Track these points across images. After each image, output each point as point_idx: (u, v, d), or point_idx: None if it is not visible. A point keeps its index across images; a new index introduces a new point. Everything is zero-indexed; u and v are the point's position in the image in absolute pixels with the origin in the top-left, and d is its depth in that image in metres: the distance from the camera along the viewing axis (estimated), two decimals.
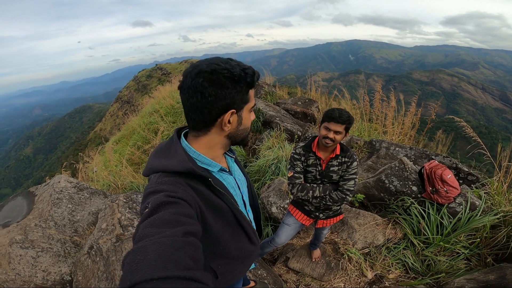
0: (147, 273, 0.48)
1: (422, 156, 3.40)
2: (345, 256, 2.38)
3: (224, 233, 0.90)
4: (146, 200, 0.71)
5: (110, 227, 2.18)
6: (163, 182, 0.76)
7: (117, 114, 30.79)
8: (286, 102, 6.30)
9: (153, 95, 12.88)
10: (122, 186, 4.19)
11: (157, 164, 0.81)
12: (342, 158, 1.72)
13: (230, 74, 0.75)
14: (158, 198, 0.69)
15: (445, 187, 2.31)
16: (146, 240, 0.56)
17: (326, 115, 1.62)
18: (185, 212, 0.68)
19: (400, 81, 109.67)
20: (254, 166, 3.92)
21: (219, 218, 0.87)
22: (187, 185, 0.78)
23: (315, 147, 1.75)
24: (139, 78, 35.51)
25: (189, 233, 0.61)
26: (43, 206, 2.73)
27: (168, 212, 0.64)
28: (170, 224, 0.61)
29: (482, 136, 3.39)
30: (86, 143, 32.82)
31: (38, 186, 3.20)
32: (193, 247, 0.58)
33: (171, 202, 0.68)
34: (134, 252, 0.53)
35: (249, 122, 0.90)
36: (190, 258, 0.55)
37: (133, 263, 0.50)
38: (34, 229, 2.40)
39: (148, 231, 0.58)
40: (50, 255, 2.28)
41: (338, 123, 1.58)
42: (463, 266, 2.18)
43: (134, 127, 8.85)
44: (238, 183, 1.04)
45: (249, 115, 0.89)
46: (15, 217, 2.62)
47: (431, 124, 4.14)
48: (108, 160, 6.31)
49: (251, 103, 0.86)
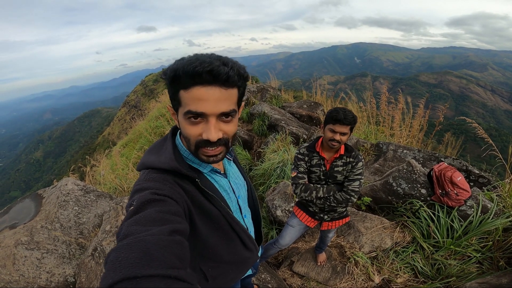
0: (130, 271, 0.46)
1: (430, 159, 3.33)
2: (352, 260, 2.34)
3: (211, 236, 0.86)
4: (132, 198, 0.68)
5: (114, 229, 2.19)
6: (150, 179, 0.73)
7: (124, 118, 31.21)
8: (291, 106, 6.29)
9: (159, 99, 13.01)
10: (128, 189, 4.23)
11: (147, 160, 0.80)
12: (347, 158, 1.69)
13: (164, 70, 0.71)
14: (144, 195, 0.66)
15: (455, 189, 2.25)
16: (130, 238, 0.53)
17: (331, 117, 1.57)
18: (171, 210, 0.65)
19: (408, 84, 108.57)
20: (259, 170, 3.90)
21: (206, 221, 0.83)
22: (175, 183, 0.75)
23: (319, 147, 1.73)
24: (146, 83, 35.99)
25: (176, 231, 0.59)
26: (50, 208, 2.75)
27: (154, 210, 0.62)
28: (156, 222, 0.59)
29: (493, 138, 3.35)
30: (95, 147, 33.27)
31: (46, 189, 3.23)
32: (179, 246, 0.56)
33: (157, 200, 0.66)
34: (118, 250, 0.51)
35: (186, 132, 0.72)
36: (176, 257, 0.53)
37: (116, 261, 0.48)
38: (40, 231, 2.42)
39: (133, 229, 0.56)
40: (55, 257, 2.29)
41: (344, 124, 1.54)
42: (474, 269, 2.11)
43: (141, 131, 8.93)
44: (233, 186, 0.98)
45: (184, 123, 0.72)
46: (22, 219, 2.65)
47: (439, 126, 4.07)
48: (115, 164, 6.37)
49: (182, 108, 0.70)
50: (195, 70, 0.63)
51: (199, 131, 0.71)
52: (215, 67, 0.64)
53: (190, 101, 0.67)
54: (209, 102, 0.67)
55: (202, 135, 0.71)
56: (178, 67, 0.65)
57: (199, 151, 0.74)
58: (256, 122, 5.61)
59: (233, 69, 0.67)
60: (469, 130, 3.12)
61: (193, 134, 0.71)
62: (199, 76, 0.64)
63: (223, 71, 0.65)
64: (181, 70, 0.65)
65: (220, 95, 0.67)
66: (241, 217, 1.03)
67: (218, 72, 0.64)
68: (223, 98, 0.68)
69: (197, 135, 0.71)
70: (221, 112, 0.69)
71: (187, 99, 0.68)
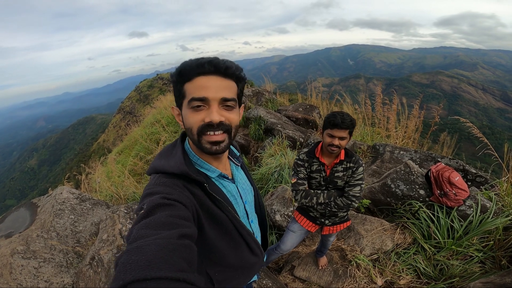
0: (140, 273, 0.47)
1: (427, 159, 3.35)
2: (353, 263, 2.33)
3: (219, 240, 0.87)
4: (142, 201, 0.71)
5: (111, 237, 2.17)
6: (160, 184, 0.76)
7: (119, 125, 30.98)
8: (287, 109, 6.30)
9: (154, 105, 12.96)
10: (125, 196, 4.18)
11: (157, 165, 0.83)
12: (347, 163, 1.68)
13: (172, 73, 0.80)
14: (154, 200, 0.68)
15: (454, 189, 2.26)
16: (141, 241, 0.55)
17: (328, 122, 1.56)
18: (181, 215, 0.67)
19: (401, 84, 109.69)
20: (257, 174, 3.89)
21: (214, 225, 0.85)
22: (185, 187, 0.77)
23: (319, 152, 1.72)
24: (141, 89, 35.81)
25: (185, 235, 0.61)
26: (45, 217, 2.74)
27: (164, 214, 0.64)
28: (165, 226, 0.60)
29: (486, 137, 3.38)
30: (90, 154, 32.94)
31: (41, 197, 3.24)
32: (188, 249, 0.58)
33: (167, 204, 0.68)
34: (129, 253, 0.52)
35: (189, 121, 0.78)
36: (185, 260, 0.54)
37: (127, 263, 0.49)
38: (36, 240, 2.41)
39: (144, 233, 0.58)
40: (52, 266, 2.28)
41: (342, 128, 1.53)
42: (477, 269, 2.12)
43: (136, 137, 8.87)
44: (241, 191, 1.00)
45: (187, 113, 0.78)
46: (17, 228, 2.64)
47: (435, 127, 4.10)
48: (110, 171, 6.31)
49: (187, 99, 0.77)
50: (198, 62, 0.74)
51: (202, 116, 0.76)
52: (215, 59, 0.75)
53: (194, 89, 0.75)
54: (211, 89, 0.75)
55: (204, 120, 0.76)
56: (185, 63, 0.76)
57: (201, 138, 0.78)
58: (252, 126, 5.61)
59: (231, 63, 0.77)
60: (462, 129, 3.14)
61: (195, 120, 0.76)
62: (202, 66, 0.74)
63: (222, 63, 0.75)
64: (187, 64, 0.75)
65: (220, 83, 0.76)
66: (248, 222, 1.04)
67: (218, 63, 0.75)
68: (223, 86, 0.77)
69: (199, 121, 0.76)
70: (222, 97, 0.76)
71: (191, 88, 0.76)
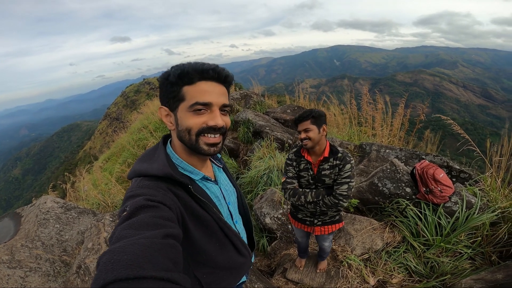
0: (122, 272, 0.46)
1: (412, 157, 3.41)
2: (345, 264, 2.33)
3: (205, 242, 0.86)
4: (125, 204, 0.69)
5: (96, 246, 2.17)
6: (143, 186, 0.75)
7: (106, 131, 30.34)
8: (275, 111, 6.31)
9: (141, 110, 12.75)
10: (112, 204, 4.09)
11: (139, 168, 0.81)
12: (334, 160, 1.69)
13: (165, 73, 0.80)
14: (137, 201, 0.67)
15: (439, 186, 2.30)
16: (124, 241, 0.53)
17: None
18: (165, 216, 0.66)
19: (386, 84, 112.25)
20: (246, 178, 3.87)
21: (200, 226, 0.84)
22: (168, 189, 0.76)
23: (305, 151, 1.76)
24: (127, 94, 35.23)
25: (170, 235, 0.60)
26: (29, 227, 2.72)
27: (147, 215, 0.63)
28: (149, 227, 0.59)
29: (469, 132, 3.49)
30: (76, 162, 32.12)
31: (25, 207, 3.22)
32: (173, 249, 0.57)
33: (150, 206, 0.66)
34: (111, 252, 0.50)
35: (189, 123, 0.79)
36: (170, 260, 0.53)
37: (109, 263, 0.48)
38: (21, 249, 2.39)
39: (127, 233, 0.56)
40: (39, 275, 2.25)
41: (302, 121, 1.66)
42: (468, 266, 2.13)
43: (124, 144, 8.69)
44: (224, 193, 1.01)
45: (187, 115, 0.79)
46: (2, 238, 2.61)
47: (420, 124, 4.19)
48: (97, 179, 6.16)
49: (187, 102, 0.78)
50: (204, 67, 0.77)
51: (204, 120, 0.79)
52: (217, 67, 0.79)
53: (197, 93, 0.77)
54: (214, 94, 0.79)
55: (206, 123, 0.79)
56: (185, 66, 0.77)
57: (200, 139, 0.80)
58: (241, 129, 5.59)
59: (228, 72, 0.82)
60: (446, 126, 3.21)
61: (196, 123, 0.78)
62: (206, 72, 0.77)
63: (223, 71, 0.80)
64: (189, 68, 0.76)
65: (220, 90, 0.81)
66: (232, 223, 1.04)
67: (220, 71, 0.79)
68: (222, 92, 0.82)
69: (200, 124, 0.79)
70: (223, 103, 0.81)
71: (193, 92, 0.77)
